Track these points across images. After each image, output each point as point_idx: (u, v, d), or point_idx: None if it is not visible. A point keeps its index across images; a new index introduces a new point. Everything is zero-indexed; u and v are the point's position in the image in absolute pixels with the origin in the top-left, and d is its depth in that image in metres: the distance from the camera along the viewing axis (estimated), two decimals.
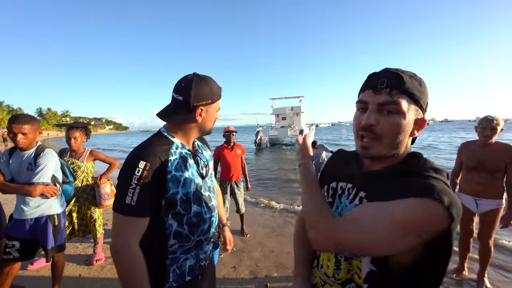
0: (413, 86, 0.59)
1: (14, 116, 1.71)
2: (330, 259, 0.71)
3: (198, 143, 1.10)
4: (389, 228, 0.53)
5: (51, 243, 1.87)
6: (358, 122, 0.64)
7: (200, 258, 0.99)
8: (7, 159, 1.81)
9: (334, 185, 0.76)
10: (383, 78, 0.59)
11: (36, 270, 2.49)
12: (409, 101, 0.59)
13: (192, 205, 0.91)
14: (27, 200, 1.80)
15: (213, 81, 0.95)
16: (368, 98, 0.61)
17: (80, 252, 2.87)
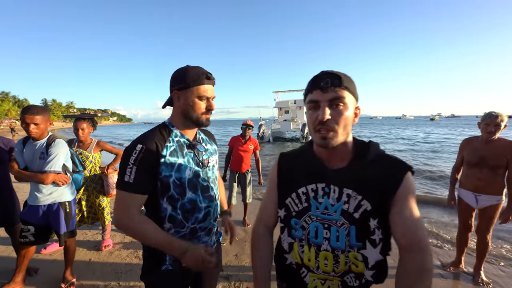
0: (348, 82, 0.72)
1: (27, 107, 1.78)
2: (327, 257, 0.76)
3: (203, 136, 1.14)
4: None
5: (63, 229, 1.97)
6: (314, 118, 0.72)
7: (200, 243, 1.02)
8: (21, 148, 1.89)
9: (304, 189, 0.79)
10: (327, 79, 0.70)
11: (49, 254, 2.62)
12: (348, 94, 0.71)
13: (187, 191, 0.97)
14: (40, 188, 1.89)
15: (193, 68, 0.96)
16: (318, 97, 0.71)
17: (90, 238, 3.00)
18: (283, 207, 0.84)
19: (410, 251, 0.68)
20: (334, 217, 0.75)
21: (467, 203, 2.28)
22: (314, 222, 0.77)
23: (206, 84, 0.97)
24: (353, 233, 0.72)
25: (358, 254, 0.72)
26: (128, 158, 0.87)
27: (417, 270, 0.66)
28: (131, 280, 2.20)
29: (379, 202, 0.71)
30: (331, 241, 0.75)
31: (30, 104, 1.81)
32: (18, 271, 2.03)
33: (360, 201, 0.72)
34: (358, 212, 0.72)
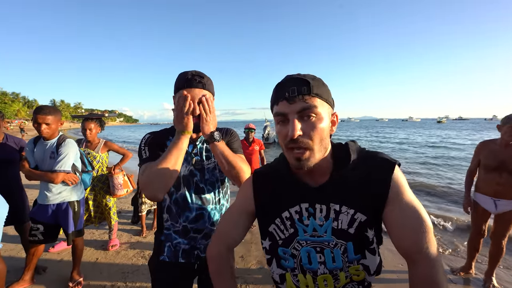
0: (318, 87, 0.62)
1: (39, 108, 1.81)
2: (326, 279, 0.68)
3: None
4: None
5: (71, 228, 1.99)
6: (284, 135, 0.63)
7: (196, 246, 1.03)
8: (31, 148, 1.93)
9: (287, 214, 0.70)
10: (292, 87, 0.61)
11: (57, 253, 2.66)
12: (321, 102, 0.61)
13: (181, 186, 1.01)
14: (50, 187, 1.92)
15: (181, 73, 0.96)
16: (285, 109, 0.61)
17: (97, 238, 3.03)
18: (267, 236, 0.74)
19: (414, 263, 0.59)
20: (325, 238, 0.66)
21: (484, 208, 2.20)
22: (305, 247, 0.69)
23: (187, 88, 0.93)
24: (350, 249, 0.65)
25: (359, 265, 0.66)
26: (141, 144, 1.02)
27: (424, 284, 0.57)
28: (138, 280, 2.21)
29: (373, 210, 0.64)
30: (327, 264, 0.67)
31: (42, 105, 1.84)
32: (27, 269, 2.06)
33: (354, 215, 0.64)
34: (353, 227, 0.64)
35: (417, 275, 0.59)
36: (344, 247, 0.65)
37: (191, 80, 0.93)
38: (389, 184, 0.62)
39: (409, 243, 0.60)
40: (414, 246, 0.59)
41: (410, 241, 0.60)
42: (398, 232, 0.61)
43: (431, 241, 0.59)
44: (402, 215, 0.61)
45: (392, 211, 0.62)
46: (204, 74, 0.97)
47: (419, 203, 0.62)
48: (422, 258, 0.58)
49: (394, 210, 0.62)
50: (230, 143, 1.11)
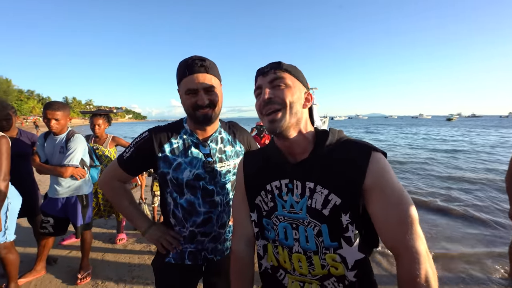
0: (290, 66, 0.71)
1: (48, 103, 1.85)
2: (301, 259, 0.69)
3: (225, 136, 1.04)
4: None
5: (80, 221, 2.04)
6: (259, 103, 0.70)
7: (204, 248, 1.00)
8: (42, 142, 1.98)
9: (269, 187, 0.74)
10: (267, 65, 0.71)
11: (67, 245, 2.74)
12: (290, 77, 0.69)
13: (185, 192, 0.93)
14: (59, 181, 1.96)
15: (181, 61, 0.88)
16: (260, 82, 0.71)
17: (105, 231, 3.10)
18: (254, 209, 0.78)
19: (398, 257, 0.57)
20: (301, 215, 0.68)
21: None
22: (282, 222, 0.71)
23: (189, 75, 0.85)
24: (325, 232, 0.65)
25: (336, 255, 0.64)
26: (135, 139, 0.97)
27: (408, 280, 0.54)
28: (144, 273, 2.25)
29: (348, 194, 0.62)
30: (300, 242, 0.68)
31: (51, 101, 1.88)
32: (39, 260, 2.13)
33: (327, 196, 0.64)
34: (327, 209, 0.64)
35: (401, 270, 0.56)
36: (318, 229, 0.65)
37: (192, 65, 0.85)
38: (364, 170, 0.61)
39: (391, 236, 0.58)
40: (397, 239, 0.57)
41: (392, 233, 0.58)
42: (380, 224, 0.60)
43: (415, 233, 0.56)
44: (383, 206, 0.59)
45: (374, 201, 0.60)
46: (205, 58, 0.89)
47: (403, 192, 0.59)
48: (405, 252, 0.55)
49: (375, 200, 0.60)
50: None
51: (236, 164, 1.03)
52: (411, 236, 0.55)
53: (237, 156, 1.05)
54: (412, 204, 0.58)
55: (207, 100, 0.88)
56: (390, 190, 0.59)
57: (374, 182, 0.60)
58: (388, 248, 0.59)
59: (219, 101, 0.92)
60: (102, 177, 1.02)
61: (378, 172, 0.60)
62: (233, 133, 1.07)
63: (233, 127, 1.10)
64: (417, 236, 0.56)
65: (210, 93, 0.88)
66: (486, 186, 5.62)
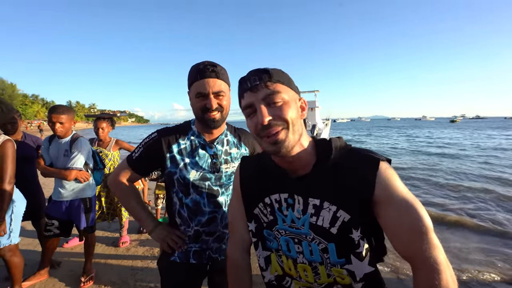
0: (279, 75, 0.62)
1: (53, 107, 1.87)
2: (306, 269, 0.67)
3: (231, 138, 1.07)
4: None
5: (83, 224, 2.04)
6: (255, 125, 0.62)
7: (209, 247, 1.01)
8: (47, 146, 2.00)
9: (268, 200, 0.70)
10: (253, 76, 0.61)
11: (71, 249, 2.75)
12: (283, 87, 0.61)
13: (191, 192, 0.96)
14: (63, 184, 1.97)
15: (193, 65, 0.92)
16: (251, 99, 0.61)
17: (108, 235, 3.11)
18: (253, 219, 0.74)
19: (415, 268, 0.55)
20: (303, 231, 0.64)
21: None
22: (283, 236, 0.68)
23: (200, 79, 0.89)
24: (332, 250, 0.61)
25: (343, 270, 0.62)
26: (144, 139, 1.00)
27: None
28: (147, 276, 2.24)
29: (357, 209, 0.58)
30: (305, 254, 0.66)
31: (56, 104, 1.90)
32: (43, 263, 2.13)
33: (336, 212, 0.60)
34: (336, 227, 0.60)
35: (419, 282, 0.53)
36: (324, 246, 0.62)
37: (203, 70, 0.89)
38: (373, 182, 0.57)
39: (405, 247, 0.55)
40: (412, 250, 0.54)
41: (405, 244, 0.55)
42: (393, 235, 0.57)
43: (431, 243, 0.52)
44: (394, 216, 0.56)
45: (384, 212, 0.57)
46: (217, 64, 0.92)
47: (415, 200, 0.56)
48: (422, 263, 0.53)
49: (385, 211, 0.57)
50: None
51: (236, 165, 1.05)
52: (427, 246, 0.52)
53: (240, 157, 1.07)
54: (424, 212, 0.55)
55: (216, 104, 0.91)
56: (400, 199, 0.56)
57: (382, 193, 0.57)
58: (404, 258, 0.57)
59: (227, 105, 0.96)
60: (111, 177, 1.04)
61: (386, 182, 0.57)
62: (238, 136, 1.10)
63: (238, 130, 1.13)
64: (433, 246, 0.53)
65: (219, 97, 0.92)
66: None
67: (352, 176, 0.59)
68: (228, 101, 0.96)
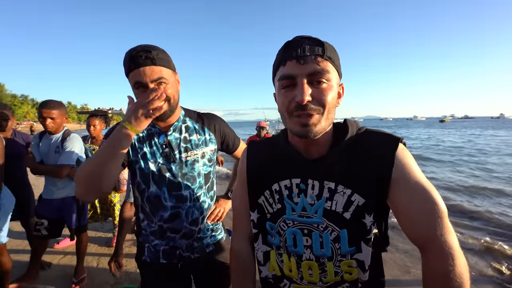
0: (331, 50, 0.55)
1: (44, 102, 1.82)
2: (311, 267, 0.63)
3: (192, 125, 0.98)
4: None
5: (75, 223, 1.99)
6: (289, 101, 0.55)
7: (177, 246, 0.95)
8: (37, 142, 1.93)
9: (277, 186, 0.65)
10: (304, 46, 0.53)
11: (62, 249, 2.66)
12: (332, 67, 0.55)
13: (151, 184, 0.90)
14: (55, 181, 1.91)
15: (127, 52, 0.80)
16: (294, 70, 0.54)
17: (101, 235, 3.03)
18: (256, 208, 0.69)
19: (426, 252, 0.53)
20: (315, 219, 0.60)
21: None
22: (291, 227, 0.63)
23: (135, 69, 0.78)
24: (344, 238, 0.58)
25: (352, 261, 0.59)
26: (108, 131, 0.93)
27: (437, 277, 0.50)
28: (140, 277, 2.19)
29: (373, 192, 0.56)
30: (313, 249, 0.61)
31: (47, 99, 1.84)
32: (32, 264, 2.05)
33: (350, 196, 0.57)
34: (349, 211, 0.57)
35: (430, 266, 0.52)
36: (336, 235, 0.59)
37: (136, 58, 0.77)
38: (392, 162, 0.55)
39: (419, 230, 0.53)
40: (425, 233, 0.52)
41: (420, 227, 0.53)
42: (406, 218, 0.55)
43: (446, 227, 0.51)
44: (410, 198, 0.53)
45: (398, 194, 0.54)
46: (153, 47, 0.80)
47: (430, 185, 0.54)
48: (435, 247, 0.51)
49: (400, 193, 0.54)
50: (227, 143, 1.07)
51: (205, 153, 0.97)
52: (442, 230, 0.51)
53: (205, 144, 0.98)
54: (439, 196, 0.53)
55: None
56: (416, 182, 0.54)
57: (399, 172, 0.54)
58: (414, 242, 0.55)
59: (174, 92, 0.86)
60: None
61: (404, 162, 0.55)
62: (201, 120, 1.01)
63: (203, 115, 1.04)
64: (448, 230, 0.51)
65: (161, 86, 0.81)
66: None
67: (369, 157, 0.57)
68: (174, 88, 0.86)
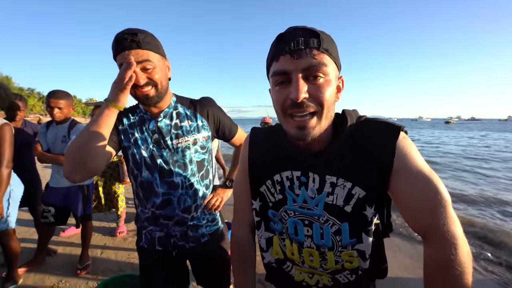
0: (329, 42, 0.51)
1: (52, 92, 1.86)
2: (312, 254, 0.63)
3: (184, 111, 0.97)
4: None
5: (80, 211, 2.04)
6: (283, 98, 0.52)
7: (172, 234, 0.96)
8: (44, 131, 1.98)
9: (278, 177, 0.64)
10: (298, 38, 0.49)
11: (67, 237, 2.73)
12: (330, 60, 0.51)
13: (143, 170, 0.91)
14: (61, 170, 1.96)
15: (115, 36, 0.79)
16: (288, 66, 0.50)
17: (105, 225, 3.10)
18: (258, 196, 0.69)
19: (428, 241, 0.52)
20: (316, 212, 0.59)
21: None
22: (292, 218, 0.63)
23: (121, 52, 0.77)
24: (345, 230, 0.58)
25: (353, 251, 0.59)
26: None
27: (439, 266, 0.49)
28: None
29: (374, 184, 0.55)
30: (314, 238, 0.61)
31: (55, 89, 1.88)
32: (39, 250, 2.12)
33: (351, 189, 0.56)
34: (350, 204, 0.56)
35: (432, 256, 0.51)
36: (337, 228, 0.58)
37: (121, 40, 0.76)
38: (393, 151, 0.52)
39: (420, 219, 0.52)
40: (427, 222, 0.51)
41: (422, 216, 0.52)
42: (407, 207, 0.53)
43: (449, 216, 0.50)
44: (411, 188, 0.52)
45: (400, 184, 0.53)
46: (140, 30, 0.79)
47: (433, 173, 0.52)
48: (437, 236, 0.50)
49: (401, 183, 0.53)
50: (223, 130, 1.05)
51: (196, 139, 0.95)
52: (445, 220, 0.49)
53: (197, 131, 0.96)
54: (442, 185, 0.51)
55: (145, 78, 0.80)
56: (418, 171, 0.52)
57: (401, 162, 0.52)
58: (417, 231, 0.55)
59: (162, 78, 0.85)
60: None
61: (405, 151, 0.53)
62: (194, 106, 0.99)
63: (196, 101, 1.02)
64: (451, 219, 0.50)
65: (147, 70, 0.80)
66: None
67: (371, 146, 0.55)
68: (162, 73, 0.85)
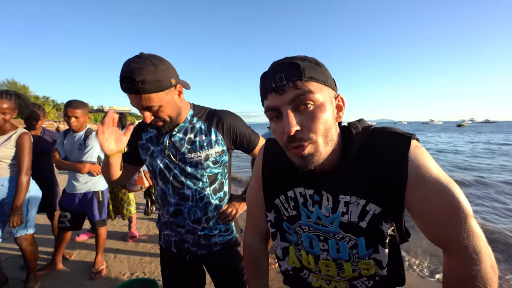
0: (311, 69, 0.50)
1: (69, 102, 1.94)
2: (329, 265, 0.63)
3: (199, 125, 0.96)
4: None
5: (96, 216, 2.10)
6: (280, 133, 0.52)
7: (185, 240, 0.99)
8: (62, 139, 2.07)
9: (291, 194, 0.64)
10: (279, 74, 0.50)
11: (82, 242, 2.81)
12: (318, 85, 0.50)
13: (158, 179, 0.98)
14: (77, 177, 2.04)
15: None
16: (275, 102, 0.50)
17: (117, 230, 3.17)
18: (272, 209, 0.68)
19: (448, 254, 0.50)
20: (331, 229, 0.59)
21: None
22: (307, 233, 0.62)
23: (124, 91, 0.79)
24: (362, 245, 0.57)
25: (370, 260, 0.59)
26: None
27: (460, 282, 0.47)
28: (156, 270, 2.28)
29: (389, 199, 0.53)
30: (330, 252, 0.61)
31: (72, 99, 1.97)
32: (56, 254, 2.19)
33: (365, 206, 0.55)
34: (365, 220, 0.55)
35: (452, 270, 0.49)
36: (354, 243, 0.58)
37: (122, 81, 0.76)
38: (406, 163, 0.50)
39: (441, 234, 0.50)
40: (447, 235, 0.49)
41: (440, 229, 0.49)
42: (425, 222, 0.51)
43: (470, 229, 0.47)
44: (428, 199, 0.49)
45: (415, 195, 0.50)
46: (138, 73, 0.72)
47: (452, 183, 0.49)
48: (457, 251, 0.48)
49: (417, 194, 0.50)
50: (241, 142, 1.00)
51: (209, 155, 0.94)
52: (465, 234, 0.47)
53: (210, 146, 0.94)
54: (462, 196, 0.48)
55: (151, 117, 0.84)
56: (434, 182, 0.49)
57: (415, 173, 0.50)
58: (435, 243, 0.53)
59: (170, 110, 0.86)
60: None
61: (418, 162, 0.50)
62: (209, 120, 0.97)
63: (213, 114, 0.99)
64: (473, 233, 0.47)
65: (151, 111, 0.82)
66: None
67: (382, 160, 0.53)
68: (170, 107, 0.85)
